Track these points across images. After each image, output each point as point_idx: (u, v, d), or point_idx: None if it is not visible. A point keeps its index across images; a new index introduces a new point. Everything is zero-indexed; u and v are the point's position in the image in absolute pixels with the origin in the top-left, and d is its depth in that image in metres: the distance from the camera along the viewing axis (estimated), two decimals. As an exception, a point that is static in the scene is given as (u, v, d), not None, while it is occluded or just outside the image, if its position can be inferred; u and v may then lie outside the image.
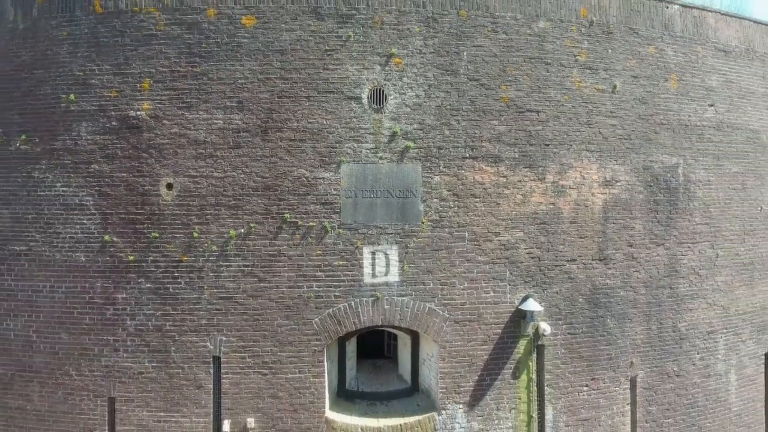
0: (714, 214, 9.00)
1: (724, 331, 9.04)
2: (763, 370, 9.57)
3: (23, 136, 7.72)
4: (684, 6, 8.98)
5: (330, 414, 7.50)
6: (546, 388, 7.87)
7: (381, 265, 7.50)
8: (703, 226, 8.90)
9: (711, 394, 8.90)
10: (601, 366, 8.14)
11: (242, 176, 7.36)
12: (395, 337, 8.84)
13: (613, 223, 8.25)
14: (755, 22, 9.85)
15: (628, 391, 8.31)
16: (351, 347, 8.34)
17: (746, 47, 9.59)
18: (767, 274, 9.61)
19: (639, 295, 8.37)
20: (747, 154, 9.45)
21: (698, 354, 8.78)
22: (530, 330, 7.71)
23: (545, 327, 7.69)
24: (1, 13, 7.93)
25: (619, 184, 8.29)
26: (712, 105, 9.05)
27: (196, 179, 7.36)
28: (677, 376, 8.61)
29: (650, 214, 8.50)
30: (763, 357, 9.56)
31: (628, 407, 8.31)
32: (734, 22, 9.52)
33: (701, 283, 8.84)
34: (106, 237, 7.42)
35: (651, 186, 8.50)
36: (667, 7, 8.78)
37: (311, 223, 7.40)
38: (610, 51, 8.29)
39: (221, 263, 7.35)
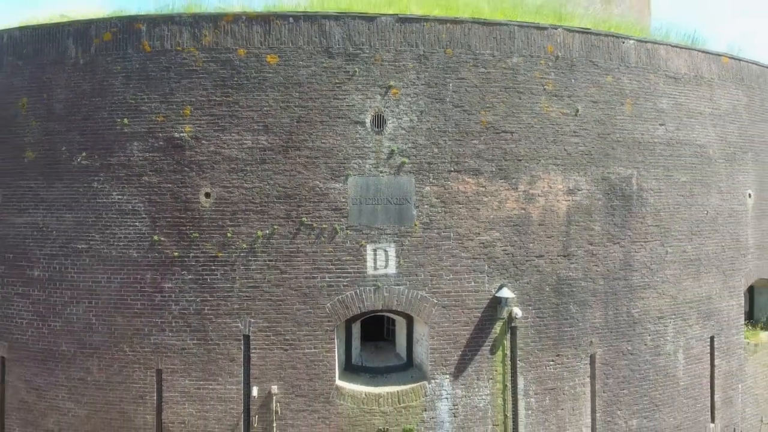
0: (664, 218, 10.59)
1: (673, 316, 10.63)
2: (709, 350, 11.16)
3: (84, 153, 9.28)
4: (638, 41, 10.57)
5: (339, 383, 9.08)
6: (518, 362, 9.45)
7: (381, 260, 9.07)
8: (654, 228, 10.49)
9: (661, 370, 10.48)
10: (565, 344, 9.73)
11: (267, 187, 8.93)
12: (393, 322, 10.40)
13: (576, 225, 9.83)
14: (703, 51, 11.45)
15: (588, 366, 9.89)
16: (356, 330, 9.91)
17: (695, 74, 11.17)
18: (712, 269, 11.20)
19: (598, 285, 9.96)
20: (694, 166, 11.03)
21: (649, 336, 10.37)
22: (505, 314, 9.27)
23: (517, 311, 9.27)
24: (65, 50, 9.48)
25: (580, 192, 9.87)
26: (662, 124, 10.64)
27: (230, 189, 8.93)
28: (631, 354, 10.20)
29: (607, 217, 10.08)
30: (709, 340, 11.15)
31: (588, 379, 9.90)
32: (684, 52, 11.11)
33: (652, 275, 10.43)
34: (155, 237, 8.99)
35: (608, 194, 10.08)
36: (623, 42, 10.37)
37: (324, 225, 8.98)
38: (573, 80, 9.87)
39: (250, 258, 8.91)
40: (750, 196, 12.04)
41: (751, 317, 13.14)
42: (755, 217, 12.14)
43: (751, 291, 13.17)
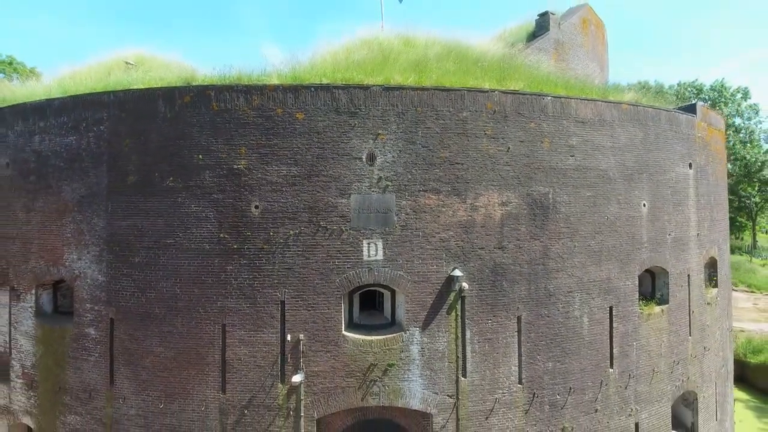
0: (573, 221, 14.94)
1: (579, 291, 14.98)
2: (608, 317, 15.50)
3: (171, 178, 13.63)
4: (555, 97, 14.91)
5: (344, 333, 13.43)
6: (466, 320, 13.80)
7: (373, 251, 13.42)
8: (566, 229, 14.84)
9: (570, 329, 14.84)
10: (499, 309, 14.09)
11: (296, 201, 13.28)
12: (382, 296, 14.75)
13: (507, 227, 14.19)
14: (605, 101, 15.79)
15: (516, 324, 14.23)
16: (356, 299, 14.28)
17: (599, 118, 15.52)
18: (611, 258, 15.54)
19: (523, 268, 14.32)
20: (597, 184, 15.38)
21: (561, 305, 14.72)
22: (457, 287, 13.62)
23: (465, 285, 13.61)
24: (156, 107, 13.80)
25: (511, 204, 14.23)
26: (572, 155, 15.00)
27: (271, 203, 13.28)
28: (547, 316, 14.55)
29: (531, 221, 14.43)
30: (608, 309, 15.48)
31: (516, 333, 14.24)
32: (590, 103, 15.46)
33: (564, 262, 14.78)
34: (221, 234, 13.34)
35: (531, 205, 14.44)
36: (543, 98, 14.71)
37: (334, 227, 13.33)
38: (506, 127, 14.23)
39: (285, 249, 13.26)
40: (645, 205, 16.37)
41: (653, 294, 17.50)
42: (649, 221, 16.49)
43: (654, 275, 17.55)
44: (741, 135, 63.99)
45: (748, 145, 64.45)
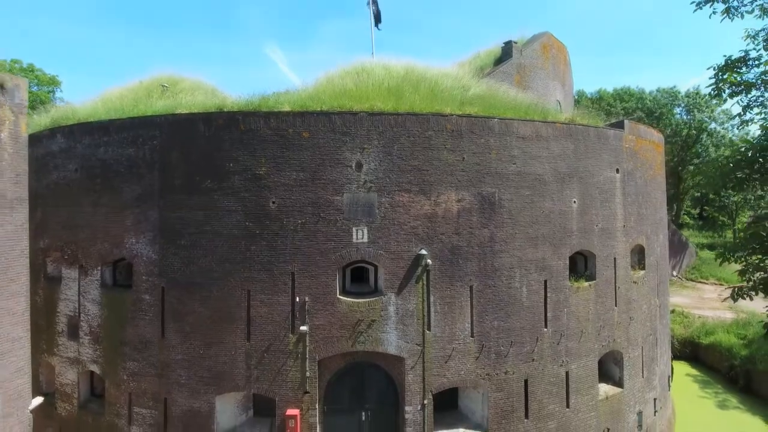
0: (514, 214, 19.44)
1: (519, 268, 19.47)
2: (543, 288, 19.99)
3: (208, 180, 18.15)
4: (500, 119, 19.41)
5: (339, 296, 17.95)
6: (430, 288, 18.32)
7: (360, 235, 17.94)
8: (508, 220, 19.35)
9: (511, 297, 19.33)
10: (456, 280, 18.61)
11: (303, 198, 17.79)
12: (368, 271, 19.26)
13: (462, 218, 18.70)
14: (542, 122, 20.29)
15: (469, 291, 18.73)
16: (348, 272, 18.79)
17: (536, 134, 20.01)
18: (546, 243, 20.04)
19: (474, 249, 18.82)
20: (534, 185, 19.87)
21: (504, 278, 19.23)
22: (423, 262, 18.11)
23: (429, 261, 18.11)
24: (197, 128, 18.30)
25: (465, 200, 18.74)
26: (514, 163, 19.50)
27: (285, 200, 17.80)
28: (493, 287, 19.06)
29: (481, 213, 18.94)
30: (543, 282, 19.95)
31: (469, 298, 18.74)
32: (529, 123, 19.95)
33: (506, 245, 19.29)
34: (247, 223, 17.85)
35: (481, 202, 18.94)
36: (491, 120, 19.21)
37: (331, 218, 17.84)
38: (461, 143, 18.74)
39: (294, 234, 17.77)
40: (575, 202, 20.85)
41: (584, 272, 21.99)
42: (579, 214, 20.96)
43: (586, 258, 22.04)
44: (713, 139, 68.45)
45: (722, 148, 68.91)
